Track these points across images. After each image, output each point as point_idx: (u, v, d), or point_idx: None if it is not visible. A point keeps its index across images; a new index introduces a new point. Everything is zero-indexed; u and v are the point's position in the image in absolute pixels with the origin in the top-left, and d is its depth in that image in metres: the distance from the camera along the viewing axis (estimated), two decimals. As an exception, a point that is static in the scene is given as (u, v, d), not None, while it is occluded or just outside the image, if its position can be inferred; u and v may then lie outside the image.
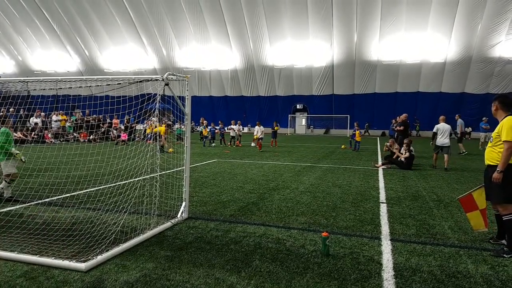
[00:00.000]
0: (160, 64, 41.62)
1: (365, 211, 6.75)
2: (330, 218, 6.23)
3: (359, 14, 32.04)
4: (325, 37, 33.95)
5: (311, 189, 8.74)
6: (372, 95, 35.50)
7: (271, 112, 38.59)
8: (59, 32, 42.68)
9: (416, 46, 32.39)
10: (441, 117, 13.35)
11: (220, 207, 6.95)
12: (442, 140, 12.50)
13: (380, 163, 13.52)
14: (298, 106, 38.45)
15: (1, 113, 16.22)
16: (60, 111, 24.90)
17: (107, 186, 8.49)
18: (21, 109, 22.81)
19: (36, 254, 4.42)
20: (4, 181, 7.27)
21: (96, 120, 25.39)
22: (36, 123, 23.10)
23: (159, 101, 5.64)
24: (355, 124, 20.48)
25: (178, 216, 6.05)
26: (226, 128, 24.89)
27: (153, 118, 6.27)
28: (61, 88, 7.63)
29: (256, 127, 20.40)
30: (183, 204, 6.21)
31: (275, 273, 4.06)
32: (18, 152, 7.51)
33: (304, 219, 6.18)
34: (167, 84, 5.59)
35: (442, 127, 12.72)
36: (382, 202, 7.52)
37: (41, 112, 23.02)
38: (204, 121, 23.97)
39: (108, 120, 25.17)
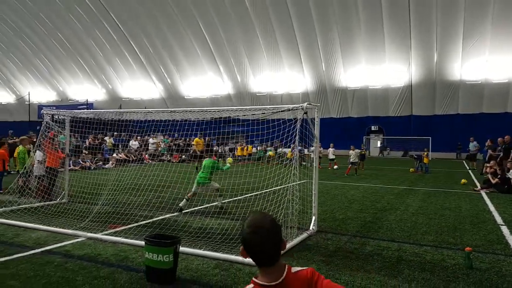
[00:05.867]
0: (234, 89, 43.69)
1: (488, 232, 6.91)
2: (457, 238, 6.53)
3: (439, 34, 31.34)
4: (402, 58, 33.54)
5: (421, 211, 8.99)
6: (455, 116, 33.99)
7: (344, 134, 38.48)
8: (145, 63, 46.76)
9: (503, 64, 30.69)
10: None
11: (341, 224, 7.56)
12: None
13: (479, 186, 13.17)
14: (372, 128, 37.93)
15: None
16: (155, 134, 27.48)
17: (236, 198, 9.51)
18: (123, 134, 25.80)
19: (215, 251, 5.39)
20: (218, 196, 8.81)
21: (185, 142, 27.67)
22: (138, 146, 25.77)
23: (298, 128, 6.49)
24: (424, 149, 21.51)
25: (310, 228, 6.78)
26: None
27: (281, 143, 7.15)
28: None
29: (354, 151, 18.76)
30: (313, 218, 6.94)
31: (430, 280, 4.57)
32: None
33: (431, 237, 6.55)
34: (305, 113, 6.48)
35: None
36: (501, 225, 7.58)
37: (138, 135, 25.76)
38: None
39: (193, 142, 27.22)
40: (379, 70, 34.62)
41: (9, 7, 44.51)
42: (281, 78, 39.82)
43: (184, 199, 8.66)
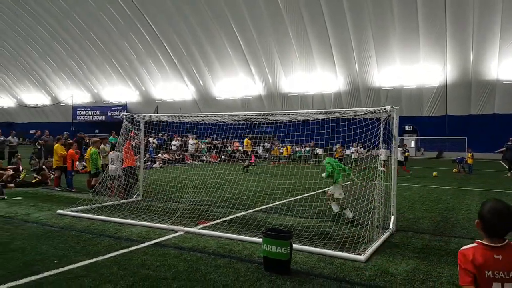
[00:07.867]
0: (266, 91, 44.00)
1: None
2: (535, 236, 6.79)
3: (476, 33, 30.94)
4: (437, 58, 33.28)
5: (485, 211, 9.21)
6: (491, 116, 33.45)
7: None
8: (178, 64, 47.42)
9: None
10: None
11: (414, 223, 7.93)
12: None
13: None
14: (406, 128, 37.69)
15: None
16: (194, 135, 28.27)
17: (299, 197, 10.02)
18: (165, 134, 26.70)
19: (309, 246, 5.89)
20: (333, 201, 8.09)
21: (222, 143, 28.38)
22: (179, 146, 26.61)
23: (382, 130, 6.90)
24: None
25: (390, 227, 7.19)
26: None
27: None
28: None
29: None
30: (392, 218, 7.35)
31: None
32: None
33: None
34: (389, 116, 6.88)
35: None
36: None
37: (178, 136, 26.62)
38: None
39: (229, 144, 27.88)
40: (413, 70, 34.46)
41: (45, 9, 46.32)
42: (313, 79, 39.93)
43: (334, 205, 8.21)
